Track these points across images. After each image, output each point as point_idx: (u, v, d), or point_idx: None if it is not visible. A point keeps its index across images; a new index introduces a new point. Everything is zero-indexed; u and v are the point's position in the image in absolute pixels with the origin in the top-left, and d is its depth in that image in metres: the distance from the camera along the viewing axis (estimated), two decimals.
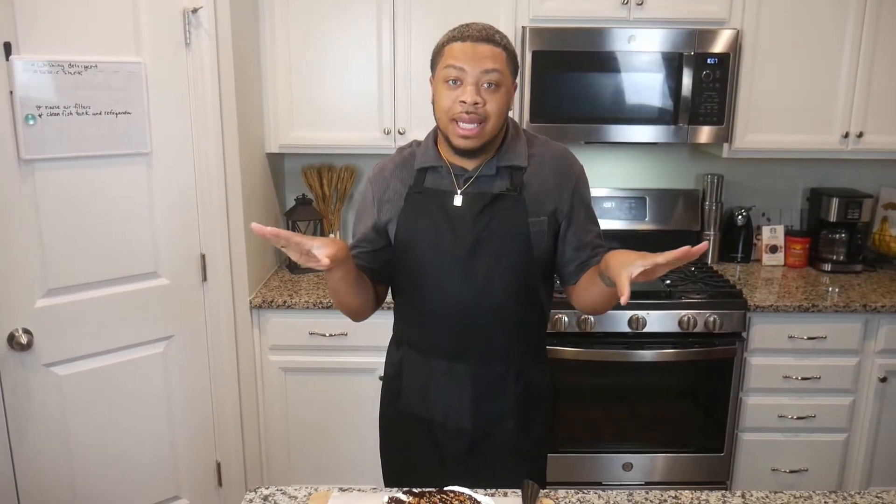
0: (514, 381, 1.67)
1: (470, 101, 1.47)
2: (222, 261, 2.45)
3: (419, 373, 1.69)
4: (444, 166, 1.60)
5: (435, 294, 1.62)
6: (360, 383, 2.67)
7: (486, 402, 1.66)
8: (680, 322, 2.60)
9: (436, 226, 1.59)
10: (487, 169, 1.58)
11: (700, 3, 2.69)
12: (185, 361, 2.43)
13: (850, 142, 2.81)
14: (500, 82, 1.49)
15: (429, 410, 1.68)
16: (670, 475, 2.75)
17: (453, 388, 1.66)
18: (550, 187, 1.61)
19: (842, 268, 3.04)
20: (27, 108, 1.94)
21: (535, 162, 1.61)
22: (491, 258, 1.58)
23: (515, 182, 1.58)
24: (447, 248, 1.58)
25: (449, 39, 1.52)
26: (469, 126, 1.48)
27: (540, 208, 1.59)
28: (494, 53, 1.49)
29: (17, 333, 2.03)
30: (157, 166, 2.24)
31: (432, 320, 1.65)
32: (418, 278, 1.63)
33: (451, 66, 1.49)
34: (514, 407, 1.68)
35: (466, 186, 1.59)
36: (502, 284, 1.60)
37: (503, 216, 1.57)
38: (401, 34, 2.70)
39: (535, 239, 1.59)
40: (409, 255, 1.62)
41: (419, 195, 1.61)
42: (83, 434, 2.22)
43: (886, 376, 2.68)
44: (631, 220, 3.14)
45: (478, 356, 1.64)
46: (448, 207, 1.58)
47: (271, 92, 2.75)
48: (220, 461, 2.60)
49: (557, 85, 2.70)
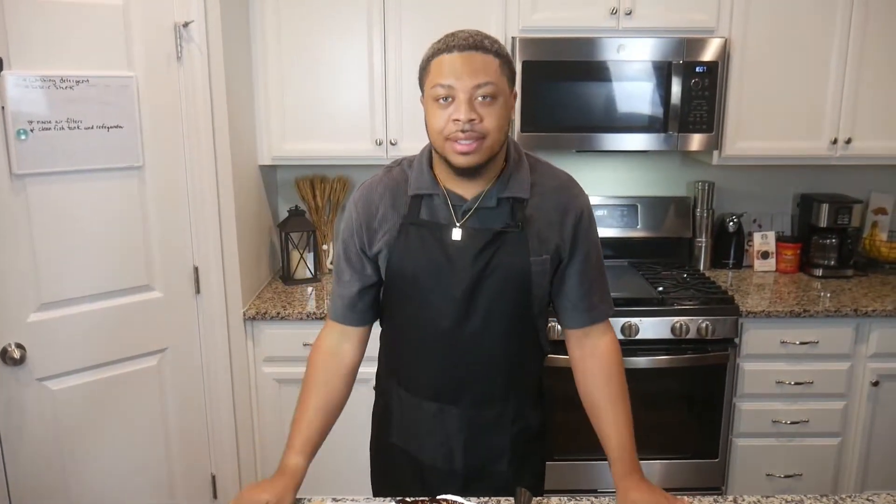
0: (510, 423, 1.56)
1: (464, 118, 1.34)
2: (215, 273, 2.45)
3: (408, 412, 1.58)
4: (440, 194, 1.47)
5: (428, 333, 1.50)
6: (353, 393, 2.66)
7: (479, 443, 1.56)
8: (672, 328, 2.61)
9: (432, 261, 1.46)
10: (487, 200, 1.46)
11: (688, 13, 2.72)
12: (179, 374, 2.42)
13: (838, 148, 2.83)
14: (495, 94, 1.36)
15: (418, 450, 1.58)
16: (665, 482, 2.76)
17: (444, 430, 1.55)
18: (553, 222, 1.48)
19: (833, 273, 3.05)
20: (19, 123, 1.95)
21: (536, 192, 1.48)
22: (490, 298, 1.46)
23: (517, 217, 1.45)
24: (443, 285, 1.46)
25: (434, 53, 1.38)
26: (467, 142, 1.35)
27: (542, 246, 1.47)
28: (485, 62, 1.35)
29: (10, 348, 2.02)
30: (149, 179, 2.24)
31: (424, 360, 1.53)
32: (410, 315, 1.51)
33: (438, 85, 1.35)
34: (509, 448, 1.57)
35: (465, 219, 1.46)
36: (501, 324, 1.48)
37: (505, 254, 1.45)
38: (391, 46, 2.72)
39: (537, 278, 1.47)
40: (402, 291, 1.51)
41: (415, 226, 1.47)
42: (77, 448, 2.21)
43: (879, 380, 2.69)
44: (623, 227, 3.16)
45: (472, 399, 1.53)
46: (446, 241, 1.45)
47: (263, 104, 2.76)
48: (214, 473, 2.59)
49: (548, 94, 2.72)
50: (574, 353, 1.58)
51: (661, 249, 3.19)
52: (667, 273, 2.99)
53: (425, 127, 1.43)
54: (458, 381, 1.52)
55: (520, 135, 2.72)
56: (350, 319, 1.57)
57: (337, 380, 1.57)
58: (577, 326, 1.56)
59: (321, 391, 1.55)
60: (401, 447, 1.60)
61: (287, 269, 2.96)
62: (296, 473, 1.46)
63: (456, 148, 1.37)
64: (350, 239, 1.54)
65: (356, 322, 1.57)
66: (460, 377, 1.51)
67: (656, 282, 2.85)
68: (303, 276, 2.97)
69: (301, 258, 2.96)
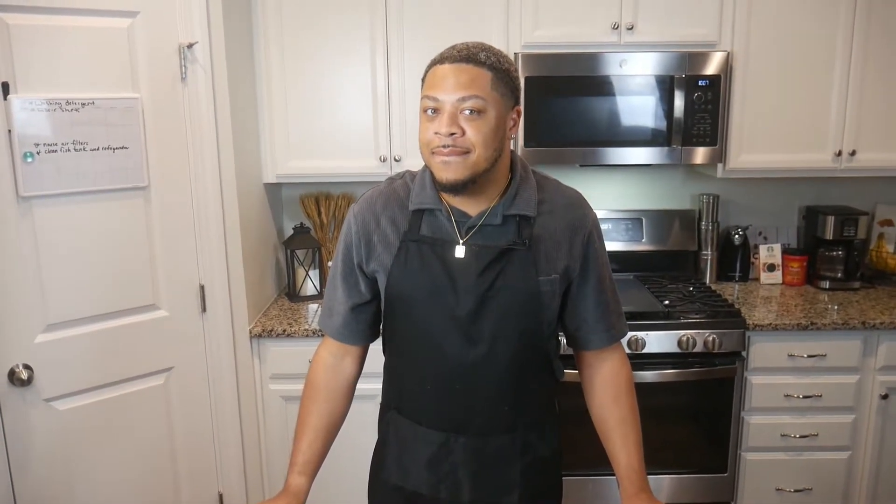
0: (520, 453, 1.48)
1: (445, 132, 1.29)
2: (221, 291, 2.46)
3: (409, 443, 1.50)
4: (443, 210, 1.41)
5: (431, 357, 1.42)
6: (360, 409, 2.63)
7: (486, 475, 1.48)
8: (679, 342, 2.60)
9: (434, 280, 1.39)
10: (492, 217, 1.40)
11: (690, 27, 2.72)
12: (186, 392, 2.43)
13: (843, 160, 2.82)
14: (482, 108, 1.30)
15: (419, 484, 1.49)
16: (675, 497, 2.74)
17: (450, 461, 1.47)
18: (561, 241, 1.43)
19: (840, 285, 3.04)
20: (25, 146, 1.97)
21: (544, 211, 1.43)
22: (496, 320, 1.39)
23: (524, 234, 1.40)
24: (447, 305, 1.39)
25: (431, 63, 1.36)
26: (448, 157, 1.31)
27: (551, 266, 1.41)
28: (474, 75, 1.30)
29: (18, 369, 2.03)
30: (154, 199, 2.25)
31: (427, 387, 1.45)
32: (411, 339, 1.45)
33: (427, 97, 1.33)
34: (520, 479, 1.49)
35: (469, 236, 1.40)
36: (509, 348, 1.41)
37: (511, 273, 1.38)
38: (394, 63, 2.74)
39: (546, 299, 1.41)
40: (402, 312, 1.44)
41: (415, 243, 1.41)
42: (84, 468, 2.22)
43: (888, 393, 2.67)
44: (628, 241, 3.16)
45: (478, 428, 1.45)
46: (449, 259, 1.39)
47: (267, 123, 2.78)
48: (222, 492, 2.59)
49: (551, 109, 2.73)
50: (584, 371, 1.56)
51: (666, 263, 3.18)
52: (673, 286, 2.99)
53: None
54: (465, 410, 1.44)
55: (523, 150, 2.72)
56: (346, 338, 1.55)
57: (338, 396, 1.57)
58: (596, 348, 1.51)
59: (322, 409, 1.55)
60: (394, 483, 1.53)
61: (292, 286, 2.97)
62: (299, 493, 1.46)
63: (437, 161, 1.33)
64: (347, 253, 1.50)
65: (353, 341, 1.55)
66: (466, 405, 1.44)
67: (662, 295, 2.84)
68: (308, 293, 2.97)
69: (306, 275, 2.96)
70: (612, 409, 1.51)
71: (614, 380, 1.52)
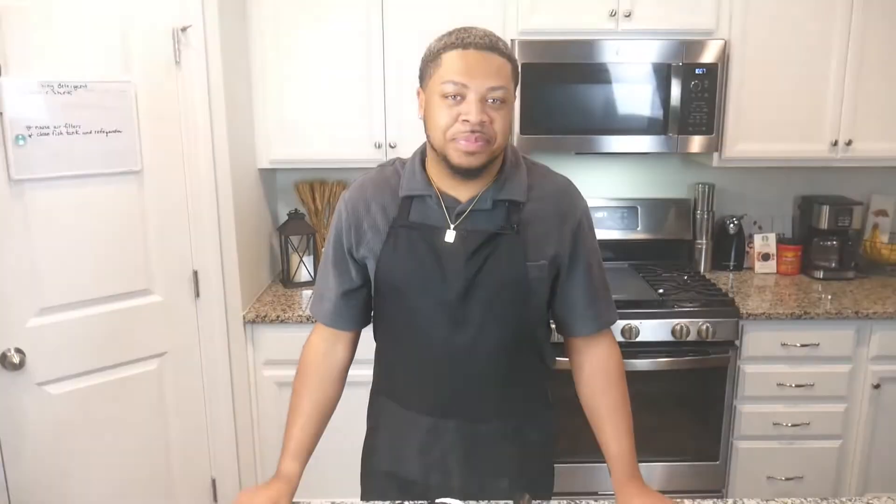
0: (512, 437, 1.50)
1: (475, 120, 1.29)
2: (215, 277, 2.45)
3: (399, 429, 1.52)
4: (433, 196, 1.41)
5: (420, 342, 1.43)
6: (353, 396, 2.64)
7: (477, 460, 1.49)
8: (673, 331, 2.61)
9: (423, 265, 1.40)
10: (482, 203, 1.40)
11: (687, 15, 2.71)
12: (179, 378, 2.43)
13: (839, 150, 2.82)
14: (505, 98, 1.32)
15: (410, 471, 1.51)
16: (666, 484, 2.75)
17: (439, 446, 1.48)
18: (551, 228, 1.43)
19: (834, 275, 3.05)
20: (17, 129, 1.95)
21: (534, 196, 1.43)
22: (485, 304, 1.39)
23: (513, 219, 1.40)
24: (436, 290, 1.39)
25: (447, 46, 1.32)
26: (476, 143, 1.31)
27: (539, 252, 1.42)
28: (500, 65, 1.31)
29: (10, 353, 2.03)
30: (148, 183, 2.24)
31: (416, 372, 1.47)
32: (401, 324, 1.46)
33: (450, 82, 1.30)
34: (510, 465, 1.50)
35: (459, 221, 1.41)
36: (497, 333, 1.41)
37: (499, 258, 1.39)
38: (389, 49, 2.72)
39: (534, 285, 1.41)
40: (391, 297, 1.45)
41: (404, 229, 1.41)
42: (77, 453, 2.22)
43: (880, 383, 2.68)
44: (623, 229, 3.15)
45: (468, 413, 1.46)
46: (438, 244, 1.39)
47: (262, 108, 2.76)
48: (215, 477, 2.59)
49: (547, 97, 2.71)
50: (574, 359, 1.55)
51: (661, 251, 3.19)
52: (667, 275, 2.99)
53: (423, 122, 1.38)
54: (453, 394, 1.45)
55: (519, 137, 2.72)
56: (338, 323, 1.55)
57: (330, 382, 1.57)
58: (585, 334, 1.51)
59: (314, 395, 1.54)
60: (385, 469, 1.55)
61: (287, 272, 2.96)
62: (291, 478, 1.46)
63: (460, 147, 1.32)
64: (338, 239, 1.50)
65: (345, 326, 1.55)
66: (454, 389, 1.45)
67: (657, 284, 2.84)
68: (302, 280, 2.97)
69: (301, 261, 2.96)
70: (603, 397, 1.51)
71: (604, 367, 1.52)
